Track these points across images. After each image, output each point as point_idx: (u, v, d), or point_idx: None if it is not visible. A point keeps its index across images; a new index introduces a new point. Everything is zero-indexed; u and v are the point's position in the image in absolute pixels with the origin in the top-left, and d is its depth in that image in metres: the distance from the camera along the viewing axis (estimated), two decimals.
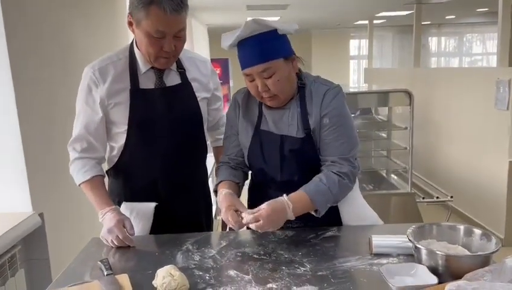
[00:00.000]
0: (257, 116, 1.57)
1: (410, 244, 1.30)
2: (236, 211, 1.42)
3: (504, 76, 4.01)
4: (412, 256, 1.27)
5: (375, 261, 1.29)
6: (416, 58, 7.12)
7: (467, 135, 4.46)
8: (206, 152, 1.78)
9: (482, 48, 12.68)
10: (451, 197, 3.70)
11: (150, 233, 1.62)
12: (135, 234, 1.50)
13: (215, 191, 1.59)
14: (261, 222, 1.34)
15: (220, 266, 1.31)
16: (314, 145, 1.50)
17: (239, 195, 1.57)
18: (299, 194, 1.43)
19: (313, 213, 1.46)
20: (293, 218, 1.40)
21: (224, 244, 1.46)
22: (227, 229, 1.75)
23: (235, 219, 1.38)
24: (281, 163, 1.52)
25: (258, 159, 1.56)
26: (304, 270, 1.26)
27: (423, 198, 3.57)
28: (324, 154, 1.50)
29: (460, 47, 12.78)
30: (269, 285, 1.18)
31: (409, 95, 3.45)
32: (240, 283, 1.19)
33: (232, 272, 1.26)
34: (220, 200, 1.48)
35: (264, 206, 1.37)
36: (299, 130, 1.50)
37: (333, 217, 1.56)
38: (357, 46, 13.18)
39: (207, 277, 1.24)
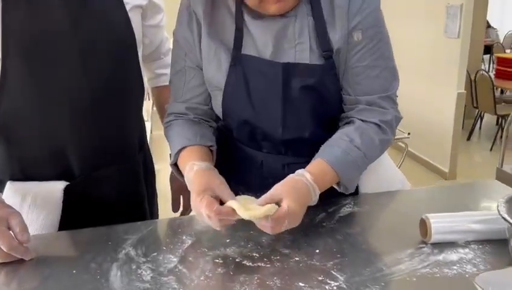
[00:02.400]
0: (234, 32, 0.96)
1: (487, 225, 0.85)
2: (218, 199, 0.85)
3: (455, 1, 3.71)
4: (494, 243, 0.83)
5: (441, 258, 0.82)
6: None
7: (416, 67, 4.17)
8: (142, 97, 1.15)
9: None
10: (409, 133, 3.45)
11: (59, 229, 1.01)
12: (32, 234, 0.88)
13: (175, 166, 0.99)
14: (284, 223, 0.80)
15: (193, 287, 0.76)
16: (337, 79, 0.95)
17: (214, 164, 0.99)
18: (321, 167, 0.89)
19: (335, 187, 0.94)
20: (315, 203, 0.88)
21: (190, 242, 0.90)
22: (179, 214, 1.19)
23: (213, 211, 0.81)
24: (284, 110, 0.95)
25: (240, 105, 0.98)
26: (336, 286, 0.75)
27: None
28: (354, 92, 0.95)
29: None
30: None
31: None
32: None
33: None
34: (190, 179, 0.90)
35: (283, 196, 0.82)
36: (314, 52, 0.93)
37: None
38: None
39: None
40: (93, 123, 1.02)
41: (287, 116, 0.96)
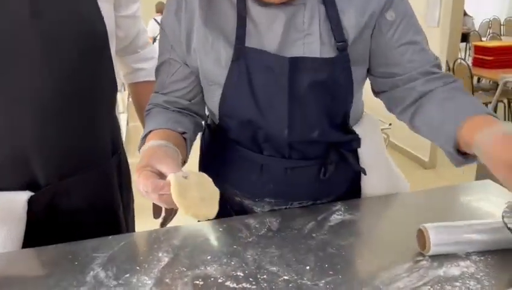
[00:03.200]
0: (235, 22, 0.86)
1: (490, 235, 0.79)
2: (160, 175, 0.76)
3: None
4: (496, 254, 0.77)
5: (441, 273, 0.75)
6: None
7: None
8: (114, 95, 1.04)
9: None
10: (390, 124, 3.42)
11: (23, 246, 0.91)
12: None
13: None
14: None
15: None
16: (350, 73, 0.87)
17: (185, 154, 0.90)
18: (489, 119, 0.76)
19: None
20: None
21: (167, 259, 0.81)
22: (161, 219, 1.09)
23: (149, 184, 0.72)
24: (291, 109, 0.86)
25: (243, 104, 0.88)
26: None
27: None
28: (404, 71, 0.88)
29: None
30: None
31: None
32: None
33: None
34: (140, 157, 0.80)
35: None
36: (325, 44, 0.85)
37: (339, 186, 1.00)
38: None
39: None
40: (58, 125, 0.91)
41: (294, 115, 0.87)
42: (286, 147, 0.91)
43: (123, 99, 4.39)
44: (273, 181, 0.96)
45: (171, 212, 1.13)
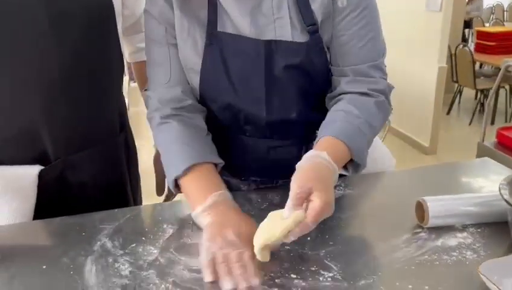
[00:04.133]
0: (207, 7, 0.87)
1: (487, 208, 0.81)
2: None
3: None
4: (492, 227, 0.80)
5: (439, 244, 0.77)
6: None
7: (397, 41, 4.11)
8: (121, 72, 1.06)
9: None
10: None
11: (34, 218, 0.93)
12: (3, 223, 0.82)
13: (177, 187, 0.86)
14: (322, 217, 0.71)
15: (176, 283, 0.69)
16: (324, 53, 0.88)
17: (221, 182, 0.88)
18: (331, 143, 0.81)
19: (343, 172, 0.86)
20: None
21: (172, 230, 0.83)
22: (164, 197, 1.11)
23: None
24: (268, 91, 0.88)
25: (220, 88, 0.89)
26: (330, 277, 0.70)
27: None
28: (342, 63, 0.89)
29: None
30: None
31: None
32: None
33: None
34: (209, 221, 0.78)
35: (312, 186, 0.71)
36: (296, 28, 0.85)
37: None
38: None
39: None
40: (67, 101, 0.93)
41: (271, 96, 0.88)
42: (266, 127, 0.93)
43: (124, 85, 4.41)
44: (257, 160, 0.97)
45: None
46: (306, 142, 0.96)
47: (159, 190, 1.18)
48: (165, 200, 1.11)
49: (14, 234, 0.84)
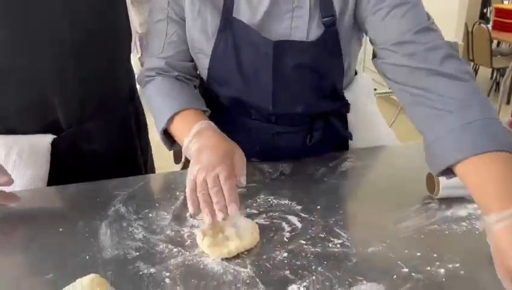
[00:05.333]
0: None
1: None
2: None
3: None
4: None
5: (449, 214, 0.78)
6: None
7: None
8: (129, 42, 1.06)
9: None
10: None
11: (48, 185, 0.95)
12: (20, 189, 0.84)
13: (164, 133, 0.87)
14: None
15: (189, 246, 0.71)
16: (339, 49, 0.85)
17: None
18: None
19: None
20: None
21: (183, 197, 0.85)
22: (182, 165, 1.12)
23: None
24: (275, 87, 0.86)
25: (229, 76, 0.88)
26: (339, 243, 0.71)
27: (375, 89, 3.18)
28: (385, 38, 0.77)
29: None
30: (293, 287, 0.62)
31: None
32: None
33: (213, 263, 0.67)
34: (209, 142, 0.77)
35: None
36: (314, 19, 0.82)
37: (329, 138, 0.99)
38: None
39: (167, 281, 0.64)
40: (77, 68, 0.93)
41: (279, 92, 0.87)
42: (272, 116, 0.92)
43: (135, 61, 4.40)
44: (260, 143, 0.96)
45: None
46: (312, 130, 0.96)
47: (176, 158, 1.19)
48: (183, 168, 1.13)
49: (31, 199, 0.87)
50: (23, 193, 0.86)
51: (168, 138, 0.88)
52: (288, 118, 0.93)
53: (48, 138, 0.94)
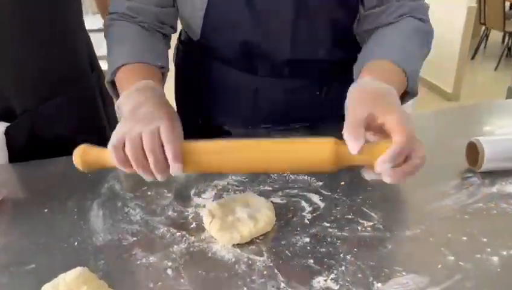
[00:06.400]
0: None
1: None
2: None
3: None
4: None
5: (494, 190, 0.67)
6: None
7: None
8: (80, 7, 0.90)
9: None
10: None
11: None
12: None
13: (112, 84, 0.71)
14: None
15: (194, 230, 0.61)
16: None
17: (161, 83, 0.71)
18: (386, 68, 0.64)
19: None
20: None
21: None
22: None
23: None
24: (296, 22, 0.73)
25: (235, 16, 0.74)
26: (370, 227, 0.61)
27: None
28: None
29: None
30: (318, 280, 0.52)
31: None
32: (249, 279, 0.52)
33: (222, 251, 0.57)
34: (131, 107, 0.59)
35: (378, 113, 0.52)
36: None
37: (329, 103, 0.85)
38: None
39: (169, 271, 0.54)
40: (27, 43, 0.79)
41: (300, 31, 0.74)
42: (285, 66, 0.80)
43: None
44: (270, 105, 0.84)
45: None
46: (327, 82, 0.84)
47: None
48: None
49: (10, 176, 0.76)
50: (9, 168, 0.75)
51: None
52: (304, 68, 0.81)
53: (1, 127, 0.81)
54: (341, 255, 0.56)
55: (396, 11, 0.73)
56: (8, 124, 0.81)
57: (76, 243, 0.59)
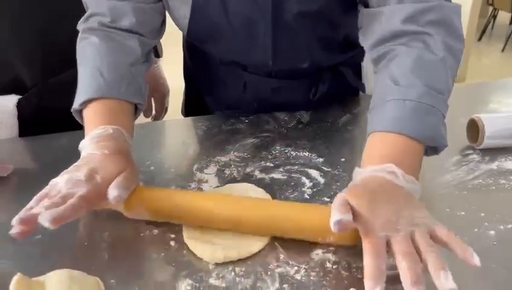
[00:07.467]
0: None
1: None
2: None
3: None
4: None
5: (494, 167, 0.68)
6: None
7: None
8: None
9: None
10: None
11: None
12: None
13: (80, 113, 0.67)
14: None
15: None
16: None
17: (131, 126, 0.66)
18: (377, 142, 0.58)
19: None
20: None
21: (194, 147, 0.75)
22: (152, 118, 1.04)
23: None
24: (275, 41, 0.72)
25: (216, 29, 0.72)
26: None
27: None
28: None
29: None
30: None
31: None
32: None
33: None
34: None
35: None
36: None
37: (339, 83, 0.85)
38: None
39: (172, 243, 0.55)
40: (34, 20, 0.80)
41: (280, 46, 0.73)
42: (272, 74, 0.80)
43: None
44: (257, 100, 0.85)
45: (161, 111, 1.08)
46: (316, 82, 0.83)
47: (147, 112, 1.08)
48: (187, 115, 1.03)
49: (23, 147, 0.77)
50: (15, 142, 0.76)
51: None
52: (292, 73, 0.81)
53: (12, 100, 0.82)
54: None
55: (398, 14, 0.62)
56: (19, 96, 0.83)
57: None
